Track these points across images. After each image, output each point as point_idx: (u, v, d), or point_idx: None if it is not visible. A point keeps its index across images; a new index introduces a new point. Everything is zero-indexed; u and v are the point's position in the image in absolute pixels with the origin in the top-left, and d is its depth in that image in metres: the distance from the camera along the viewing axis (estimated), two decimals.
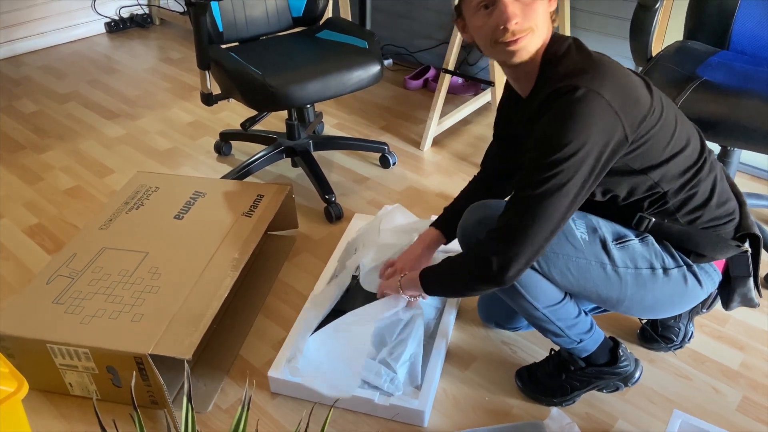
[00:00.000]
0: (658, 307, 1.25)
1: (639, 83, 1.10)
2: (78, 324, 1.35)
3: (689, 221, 1.18)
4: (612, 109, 1.03)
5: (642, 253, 1.18)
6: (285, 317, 1.64)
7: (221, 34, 1.98)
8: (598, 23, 2.43)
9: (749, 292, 1.24)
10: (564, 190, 1.04)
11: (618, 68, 1.08)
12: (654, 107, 1.09)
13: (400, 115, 2.66)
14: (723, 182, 1.22)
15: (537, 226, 1.05)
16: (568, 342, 1.29)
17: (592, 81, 1.03)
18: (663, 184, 1.14)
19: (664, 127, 1.11)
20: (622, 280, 1.18)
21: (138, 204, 1.74)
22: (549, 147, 1.03)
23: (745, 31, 1.80)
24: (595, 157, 1.04)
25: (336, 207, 2.00)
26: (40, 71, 3.08)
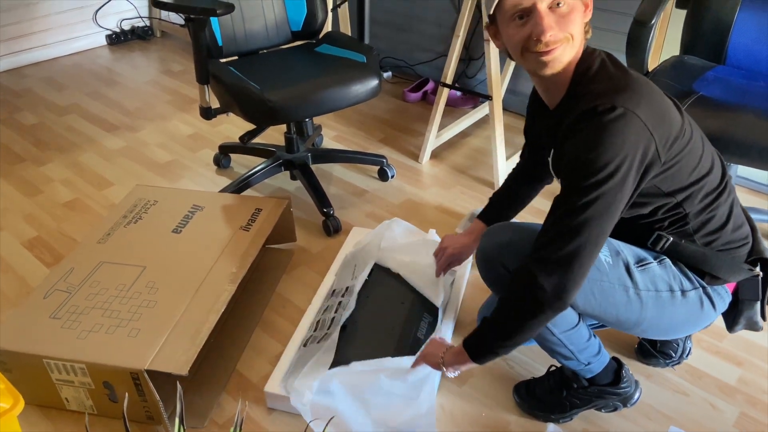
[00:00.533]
0: (672, 330, 1.25)
1: (671, 104, 1.10)
2: (75, 339, 1.35)
3: (706, 243, 1.18)
4: (647, 129, 1.02)
5: (662, 276, 1.18)
6: (282, 331, 1.64)
7: (221, 48, 1.99)
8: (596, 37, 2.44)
9: (755, 315, 1.25)
10: (609, 212, 1.03)
11: (653, 88, 1.08)
12: (685, 129, 1.09)
13: (399, 128, 2.67)
14: (738, 206, 1.23)
15: (586, 251, 1.03)
16: (576, 364, 1.29)
17: (629, 101, 1.02)
18: (686, 206, 1.14)
19: (693, 150, 1.11)
20: (643, 303, 1.18)
21: (136, 218, 1.74)
22: (588, 169, 1.01)
23: (742, 45, 1.82)
24: (633, 176, 1.03)
25: (334, 220, 2.00)
26: (42, 83, 3.09)
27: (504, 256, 1.21)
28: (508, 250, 1.21)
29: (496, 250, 1.24)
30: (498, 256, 1.23)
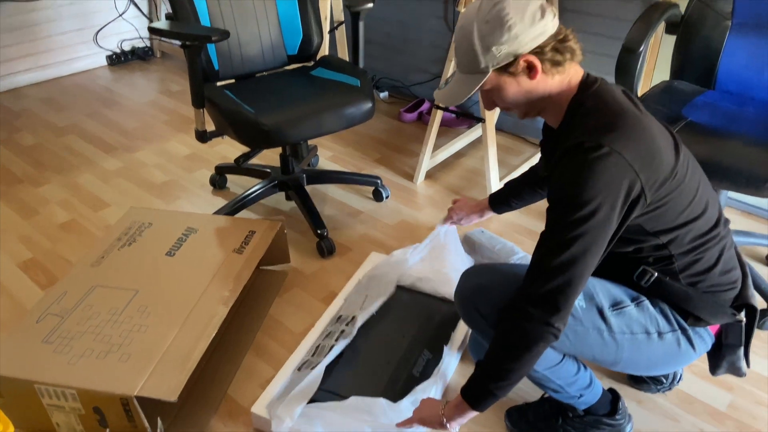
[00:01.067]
0: (651, 367, 1.26)
1: (665, 145, 1.09)
2: (66, 364, 1.36)
3: (691, 283, 1.17)
4: (632, 169, 1.02)
5: (638, 319, 1.18)
6: (274, 355, 1.65)
7: (217, 72, 2.02)
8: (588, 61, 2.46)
9: (738, 361, 1.24)
10: (593, 250, 1.04)
11: (645, 128, 1.06)
12: (677, 171, 1.09)
13: (395, 148, 2.69)
14: (731, 250, 1.22)
15: (572, 287, 1.04)
16: (567, 397, 1.30)
17: (616, 141, 1.02)
18: (671, 247, 1.14)
19: (684, 193, 1.11)
20: (619, 345, 1.19)
21: (130, 240, 1.75)
22: (572, 205, 1.02)
23: (731, 70, 1.84)
24: (617, 215, 1.04)
25: (328, 241, 2.02)
26: (41, 104, 3.12)
27: (477, 299, 1.21)
28: (481, 294, 1.21)
29: (470, 292, 1.24)
30: (471, 299, 1.23)
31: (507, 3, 1.06)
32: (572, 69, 1.12)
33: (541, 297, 1.06)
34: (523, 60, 1.07)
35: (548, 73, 1.09)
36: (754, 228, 2.12)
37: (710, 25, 1.82)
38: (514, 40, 1.05)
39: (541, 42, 1.06)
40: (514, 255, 1.82)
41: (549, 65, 1.08)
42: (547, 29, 1.07)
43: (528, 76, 1.09)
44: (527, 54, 1.07)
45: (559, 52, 1.08)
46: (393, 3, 2.97)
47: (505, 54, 1.07)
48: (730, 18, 1.80)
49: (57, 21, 3.33)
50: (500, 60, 1.08)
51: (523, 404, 1.45)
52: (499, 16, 1.05)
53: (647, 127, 1.07)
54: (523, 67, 1.08)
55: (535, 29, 1.05)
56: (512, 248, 1.84)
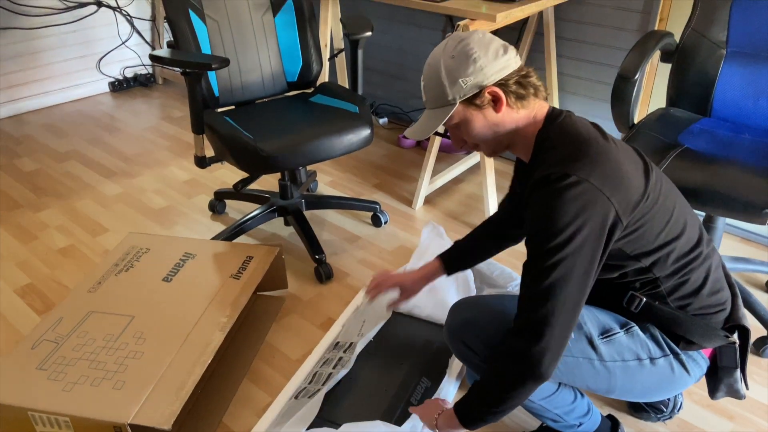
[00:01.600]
0: (647, 394, 1.25)
1: (634, 169, 1.10)
2: (60, 391, 1.35)
3: (680, 306, 1.18)
4: (603, 194, 1.04)
5: (628, 346, 1.18)
6: (271, 383, 1.63)
7: (217, 98, 2.04)
8: (584, 87, 2.50)
9: (735, 383, 1.23)
10: (573, 276, 1.04)
11: (611, 155, 1.08)
12: (648, 194, 1.10)
13: (394, 173, 2.70)
14: (718, 272, 1.22)
15: (554, 317, 1.04)
16: (566, 426, 1.29)
17: (582, 169, 1.04)
18: (655, 270, 1.14)
19: (660, 213, 1.12)
20: (611, 373, 1.18)
21: (128, 266, 1.75)
22: (547, 234, 1.04)
23: (726, 98, 1.85)
24: (594, 239, 1.04)
25: (326, 267, 2.01)
26: (42, 130, 3.15)
27: (465, 334, 1.23)
28: (468, 328, 1.22)
29: (458, 326, 1.25)
30: (459, 333, 1.24)
31: (471, 39, 1.12)
32: (537, 104, 1.15)
33: (526, 331, 1.06)
34: (488, 92, 1.11)
35: (513, 107, 1.13)
36: (753, 255, 2.11)
37: (705, 54, 1.85)
38: (480, 72, 1.10)
39: (505, 75, 1.11)
40: (512, 281, 1.81)
41: (513, 98, 1.12)
42: (510, 64, 1.12)
43: (494, 109, 1.13)
44: (492, 86, 1.11)
45: (522, 86, 1.12)
46: (392, 31, 3.02)
47: (471, 85, 1.11)
48: (725, 47, 1.82)
49: (60, 48, 3.38)
50: (467, 91, 1.12)
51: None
52: (465, 51, 1.11)
53: (612, 154, 1.08)
54: (488, 99, 1.12)
55: (498, 63, 1.11)
56: (510, 274, 1.84)
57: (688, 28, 1.86)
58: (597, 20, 2.35)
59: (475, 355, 1.21)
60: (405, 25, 2.97)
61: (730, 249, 2.14)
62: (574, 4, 2.38)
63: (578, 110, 2.53)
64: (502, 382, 1.10)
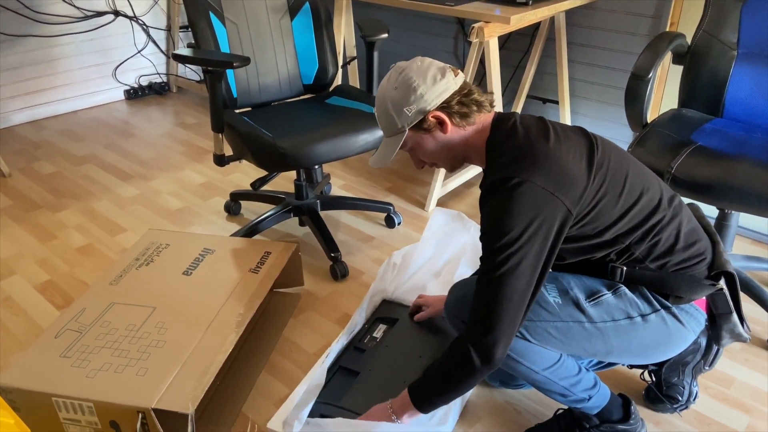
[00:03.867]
0: (649, 352, 1.27)
1: (576, 159, 1.16)
2: (84, 378, 1.37)
3: (659, 266, 1.22)
4: (546, 191, 1.11)
5: (617, 305, 1.22)
6: (289, 375, 1.65)
7: (235, 99, 2.08)
8: (596, 92, 2.53)
9: (735, 327, 1.27)
10: (518, 272, 1.11)
11: (550, 153, 1.15)
12: (594, 176, 1.16)
13: (406, 178, 2.73)
14: (691, 224, 1.26)
15: (501, 309, 1.11)
16: (576, 400, 1.30)
17: (524, 171, 1.12)
18: (622, 239, 1.19)
19: (611, 188, 1.17)
20: (604, 334, 1.22)
21: (148, 260, 1.78)
22: (494, 234, 1.12)
23: (738, 99, 1.88)
24: (543, 235, 1.11)
25: (341, 265, 2.03)
26: (60, 135, 3.20)
27: (460, 310, 1.30)
28: (462, 305, 1.29)
29: (454, 304, 1.33)
30: (456, 310, 1.32)
31: (410, 69, 1.21)
32: (482, 117, 1.23)
33: (475, 321, 1.14)
34: (431, 116, 1.21)
35: (459, 126, 1.22)
36: (765, 255, 2.12)
37: (716, 55, 1.88)
38: (421, 100, 1.19)
39: (446, 98, 1.20)
40: None
41: (458, 118, 1.21)
42: (449, 87, 1.20)
43: (441, 131, 1.22)
44: (434, 110, 1.20)
45: (464, 105, 1.21)
46: (405, 39, 3.07)
47: (415, 113, 1.21)
48: (736, 48, 1.86)
49: (77, 56, 3.44)
50: (412, 119, 1.21)
51: (538, 425, 1.44)
52: (405, 81, 1.20)
53: (552, 151, 1.15)
54: (434, 123, 1.21)
55: (437, 88, 1.19)
56: None
57: (700, 30, 1.89)
58: (608, 25, 2.39)
59: None
60: (417, 33, 3.02)
61: (741, 250, 2.15)
62: (585, 10, 2.42)
63: (590, 115, 2.57)
64: (454, 370, 1.18)
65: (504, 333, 1.12)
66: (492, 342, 1.12)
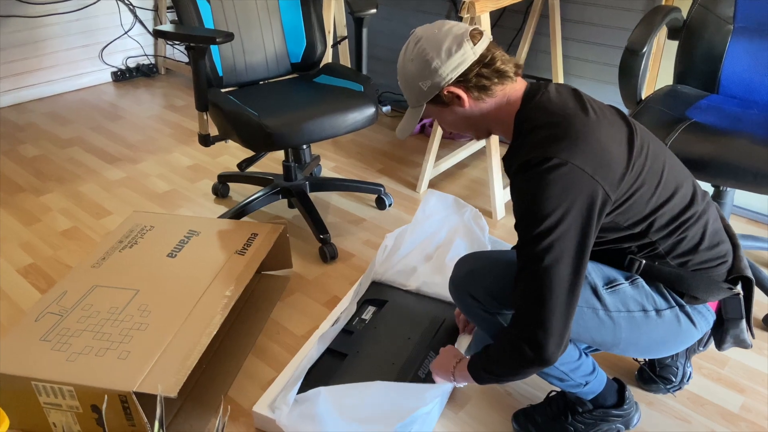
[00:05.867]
0: (654, 348, 1.23)
1: (617, 140, 1.09)
2: (64, 361, 1.33)
3: (680, 264, 1.17)
4: (586, 174, 1.04)
5: (633, 296, 1.17)
6: (276, 358, 1.62)
7: (221, 78, 2.03)
8: (590, 71, 2.49)
9: (742, 333, 1.23)
10: (563, 260, 1.03)
11: (592, 131, 1.07)
12: (633, 163, 1.09)
13: (397, 159, 2.69)
14: (716, 224, 1.21)
15: (550, 302, 1.04)
16: (573, 386, 1.27)
17: (564, 151, 1.04)
18: (650, 234, 1.14)
19: (649, 178, 1.11)
20: (616, 324, 1.17)
21: (132, 243, 1.74)
22: (532, 220, 1.04)
23: (734, 75, 1.84)
24: (583, 220, 1.04)
25: (331, 247, 2.00)
26: (45, 118, 3.14)
27: (469, 284, 1.24)
28: (472, 279, 1.24)
29: (462, 278, 1.27)
30: (464, 285, 1.26)
31: (426, 40, 1.13)
32: (507, 88, 1.14)
33: (525, 316, 1.07)
34: (446, 91, 1.14)
35: (478, 99, 1.14)
36: (760, 234, 2.10)
37: (712, 29, 1.83)
38: (435, 74, 1.12)
39: (463, 71, 1.11)
40: None
41: (476, 91, 1.13)
42: (467, 58, 1.11)
43: (459, 105, 1.15)
44: (450, 85, 1.13)
45: (484, 77, 1.12)
46: (396, 18, 3.01)
47: (430, 87, 1.14)
48: (732, 22, 1.81)
49: (63, 37, 3.37)
50: (427, 94, 1.15)
51: (529, 407, 1.41)
52: (420, 54, 1.13)
53: (592, 129, 1.07)
54: (450, 97, 1.14)
55: (452, 61, 1.11)
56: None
57: (696, 4, 1.85)
58: (603, 1, 2.34)
59: (479, 305, 1.22)
60: (409, 12, 2.96)
61: (737, 229, 2.12)
62: None
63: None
64: (509, 364, 1.12)
65: (559, 326, 1.04)
66: (545, 337, 1.04)
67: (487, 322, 1.23)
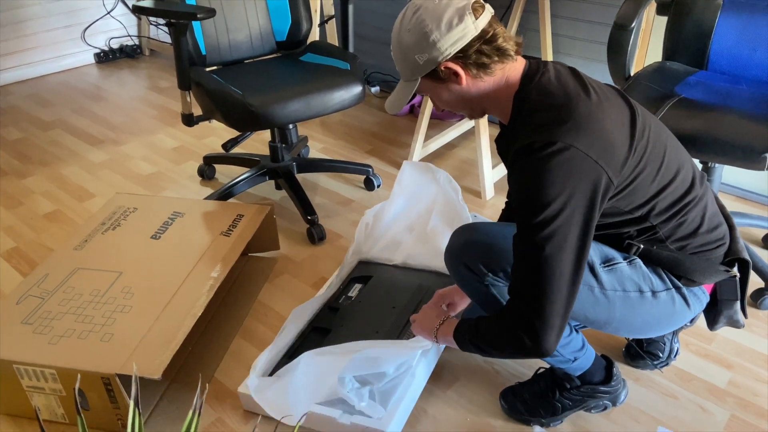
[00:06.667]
0: (646, 328, 1.23)
1: (619, 124, 1.05)
2: (46, 344, 1.31)
3: (679, 247, 1.15)
4: (590, 159, 1.00)
5: (630, 276, 1.16)
6: (263, 339, 1.60)
7: (204, 57, 1.99)
8: (579, 48, 2.46)
9: (735, 314, 1.22)
10: (565, 247, 1.00)
11: (594, 114, 1.03)
12: (635, 147, 1.06)
13: (386, 140, 2.66)
14: (713, 206, 1.19)
15: (552, 293, 1.01)
16: (562, 361, 1.26)
17: (567, 134, 0.99)
18: (651, 219, 1.12)
19: (650, 163, 1.08)
20: (611, 303, 1.16)
21: (115, 225, 1.71)
22: (534, 207, 1.00)
23: (723, 51, 1.82)
24: (586, 206, 1.01)
25: (318, 228, 1.98)
26: (27, 100, 3.08)
27: (465, 255, 1.21)
28: (468, 249, 1.20)
29: (458, 248, 1.23)
30: (460, 256, 1.22)
31: (425, 10, 1.06)
32: (507, 66, 1.09)
33: (525, 304, 1.04)
34: (444, 67, 1.07)
35: (476, 77, 1.08)
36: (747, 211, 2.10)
37: (701, 5, 1.81)
38: (433, 48, 1.05)
39: (462, 46, 1.05)
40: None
41: (474, 69, 1.07)
42: (468, 32, 1.04)
43: (455, 82, 1.09)
44: (447, 61, 1.06)
45: (484, 54, 1.06)
46: None
47: (426, 62, 1.07)
48: None
49: (44, 18, 3.30)
50: (423, 68, 1.09)
51: (517, 384, 1.41)
52: (418, 25, 1.06)
53: (595, 113, 1.03)
54: (447, 74, 1.08)
55: (453, 35, 1.04)
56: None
57: None
58: None
59: (475, 277, 1.19)
60: None
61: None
62: None
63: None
64: (503, 348, 1.10)
65: (557, 318, 1.02)
66: (544, 329, 1.01)
67: (481, 293, 1.22)
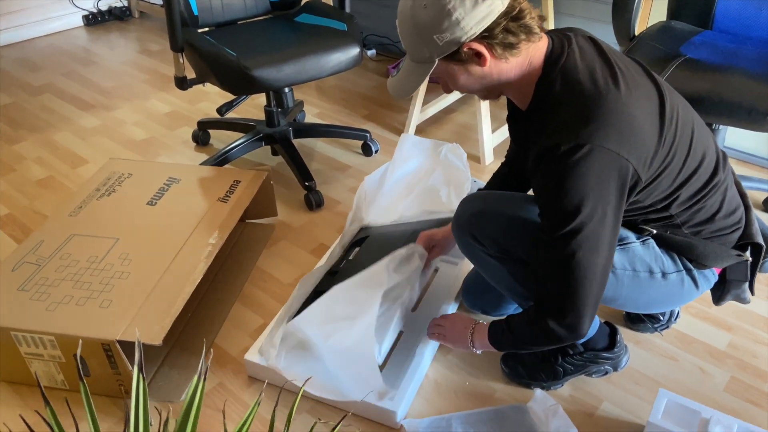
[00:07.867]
0: (651, 305, 1.23)
1: (648, 114, 0.99)
2: (44, 311, 1.30)
3: (694, 233, 1.13)
4: (621, 157, 0.95)
5: (641, 256, 1.14)
6: (263, 305, 1.59)
7: (196, 18, 1.93)
8: (581, 8, 2.41)
9: (743, 293, 1.21)
10: (598, 250, 0.99)
11: (623, 107, 0.96)
12: (665, 136, 1.00)
13: (383, 105, 2.62)
14: (732, 189, 1.16)
15: (584, 289, 1.01)
16: None
17: (595, 133, 0.94)
18: (671, 209, 1.09)
19: (678, 152, 1.04)
20: (619, 281, 1.15)
21: (109, 191, 1.68)
22: (566, 215, 0.97)
23: (729, 10, 1.78)
24: (615, 206, 0.98)
25: (316, 194, 1.95)
26: (15, 64, 3.00)
27: (473, 225, 1.19)
28: (477, 219, 1.18)
29: (467, 219, 1.21)
30: (468, 225, 1.20)
31: None
32: (531, 47, 1.01)
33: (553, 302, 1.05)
34: (467, 48, 0.98)
35: (501, 58, 0.99)
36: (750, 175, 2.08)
37: None
38: (456, 27, 0.95)
39: (488, 24, 0.96)
40: None
41: (500, 49, 0.98)
42: (495, 8, 0.95)
43: (477, 64, 1.00)
44: (472, 41, 0.97)
45: (511, 32, 0.97)
46: None
47: (448, 42, 0.97)
48: None
49: None
50: (443, 50, 0.99)
51: None
52: (438, 1, 0.95)
53: (624, 105, 0.97)
54: (470, 55, 0.99)
55: (478, 12, 0.94)
56: None
57: None
58: None
59: (482, 248, 1.18)
60: None
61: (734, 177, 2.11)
62: None
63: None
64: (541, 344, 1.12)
65: (590, 309, 1.03)
66: (578, 321, 1.03)
67: (487, 264, 1.21)
